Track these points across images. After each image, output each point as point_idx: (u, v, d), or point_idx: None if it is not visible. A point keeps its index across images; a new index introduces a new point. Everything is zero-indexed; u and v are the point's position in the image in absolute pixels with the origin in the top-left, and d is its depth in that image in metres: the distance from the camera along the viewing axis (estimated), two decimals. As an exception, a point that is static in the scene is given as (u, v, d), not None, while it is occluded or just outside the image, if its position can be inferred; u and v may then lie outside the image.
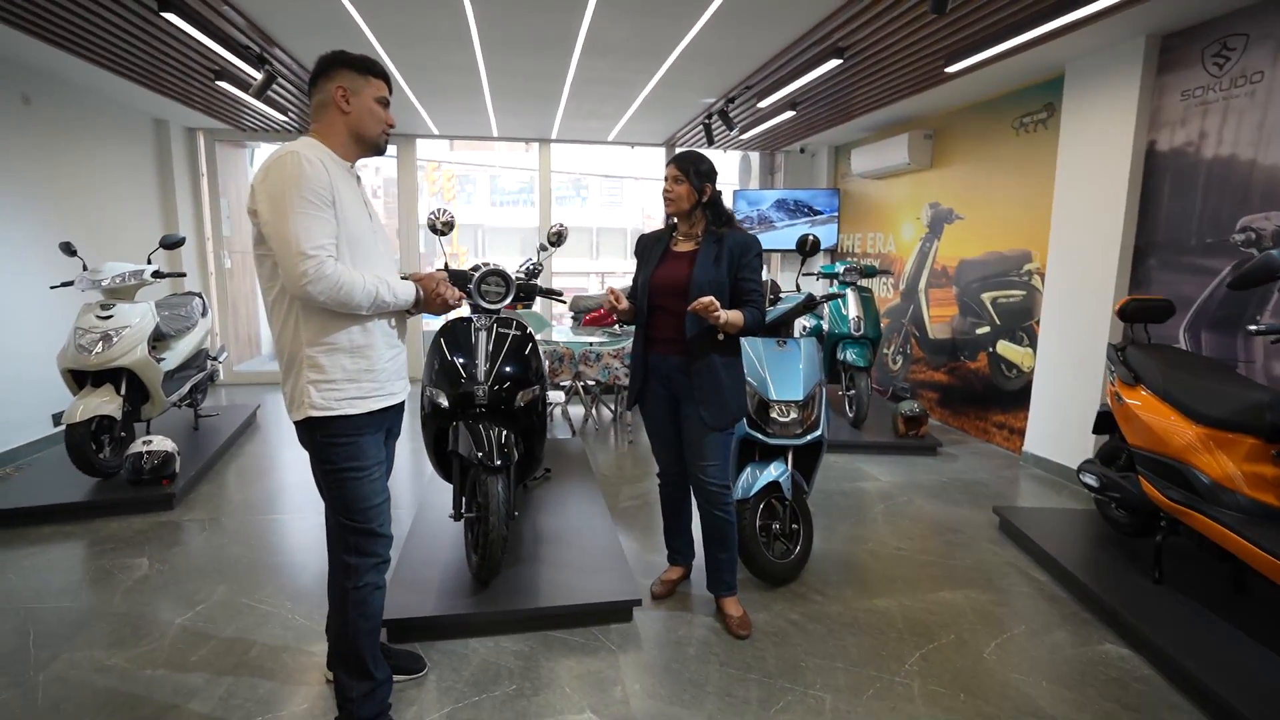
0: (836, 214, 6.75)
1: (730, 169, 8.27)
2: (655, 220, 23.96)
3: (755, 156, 7.74)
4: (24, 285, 4.27)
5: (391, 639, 2.38)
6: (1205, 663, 2.17)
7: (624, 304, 2.45)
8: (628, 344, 4.73)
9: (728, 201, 3.88)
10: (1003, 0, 3.08)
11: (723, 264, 2.33)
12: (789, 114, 5.16)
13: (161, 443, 3.65)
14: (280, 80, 4.38)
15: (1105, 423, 3.10)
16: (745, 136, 6.05)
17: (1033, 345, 4.41)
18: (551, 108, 5.38)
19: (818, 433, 2.89)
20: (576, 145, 6.94)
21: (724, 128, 5.35)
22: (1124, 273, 3.70)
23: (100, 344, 3.57)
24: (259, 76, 4.09)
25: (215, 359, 4.82)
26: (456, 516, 2.61)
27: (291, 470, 4.25)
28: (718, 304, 2.22)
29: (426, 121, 5.96)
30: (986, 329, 4.84)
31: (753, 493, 2.77)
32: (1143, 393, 2.71)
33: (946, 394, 5.29)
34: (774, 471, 2.81)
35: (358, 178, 1.85)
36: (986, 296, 4.83)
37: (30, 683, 2.14)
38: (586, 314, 6.02)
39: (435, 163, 19.70)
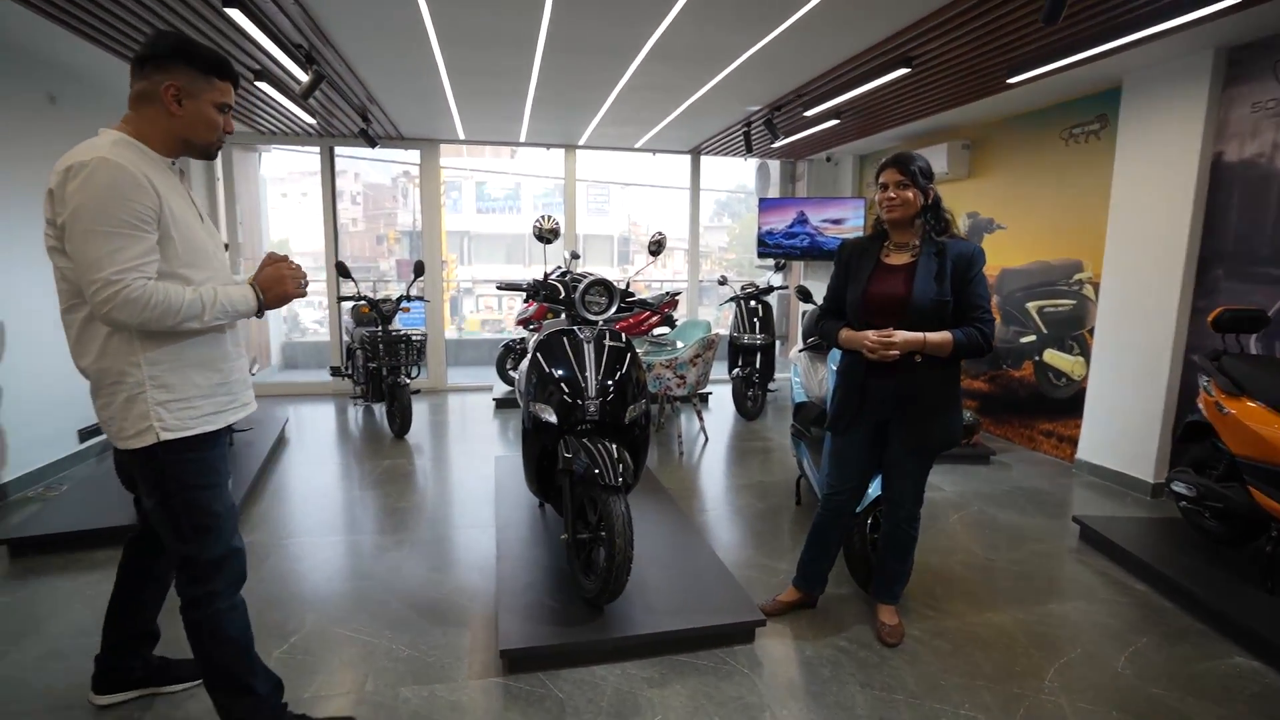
0: (862, 223, 6.77)
1: (747, 177, 8.26)
2: (647, 231, 23.95)
3: (775, 165, 7.75)
4: (49, 297, 4.01)
5: (513, 669, 2.26)
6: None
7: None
8: (680, 354, 4.66)
9: (751, 207, 3.85)
10: (1077, 14, 3.10)
11: (946, 279, 2.12)
12: (832, 123, 5.16)
13: (212, 461, 3.45)
14: (326, 81, 4.21)
15: (1193, 431, 3.12)
16: (777, 145, 6.03)
17: (1084, 354, 4.45)
18: (589, 114, 5.29)
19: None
20: (595, 151, 6.85)
21: (766, 135, 5.32)
22: (1189, 283, 3.75)
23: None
24: (305, 77, 3.93)
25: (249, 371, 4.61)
26: (571, 539, 2.50)
27: (336, 489, 4.08)
28: (891, 334, 2.11)
29: (456, 125, 5.82)
30: (1032, 338, 4.87)
31: (865, 504, 2.71)
32: (1249, 403, 2.72)
33: (987, 402, 5.32)
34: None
35: (180, 172, 1.68)
36: (1032, 305, 4.87)
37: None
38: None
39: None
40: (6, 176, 3.75)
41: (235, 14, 3.06)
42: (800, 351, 3.73)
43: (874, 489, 2.74)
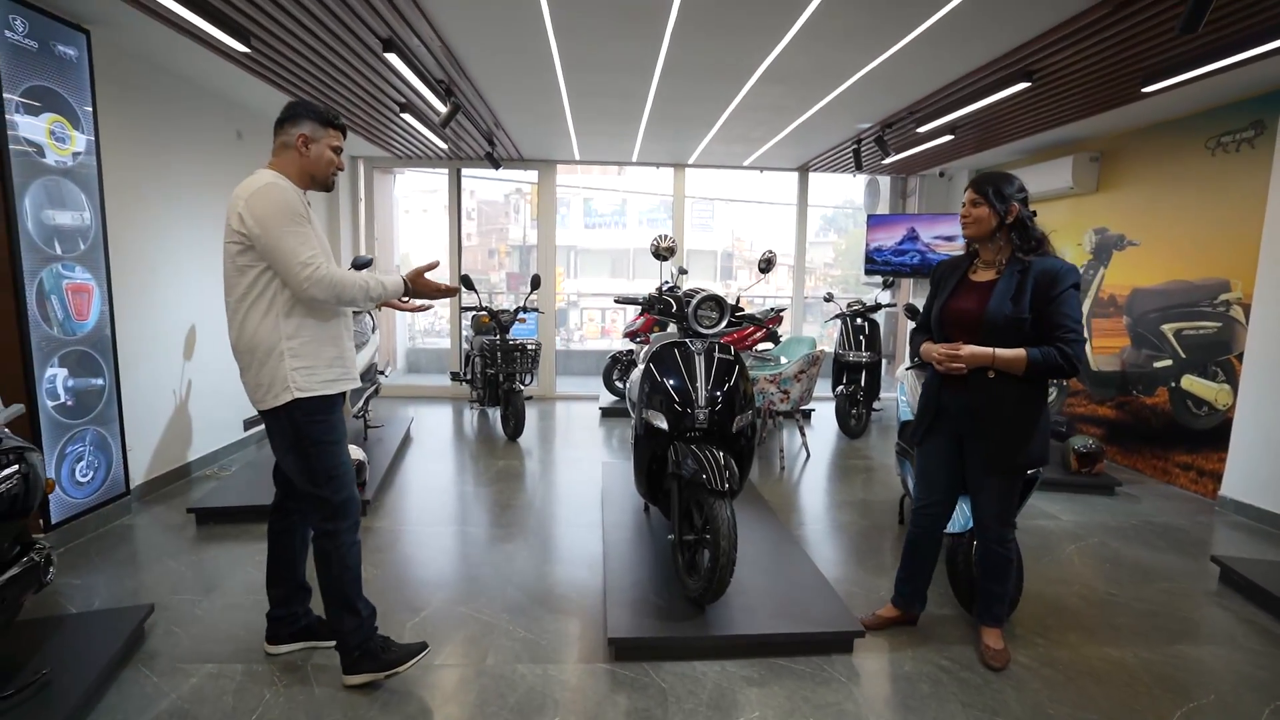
0: (977, 238, 6.52)
1: (855, 192, 8.15)
2: (750, 246, 23.86)
3: (885, 181, 7.61)
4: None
5: (619, 657, 2.42)
6: None
7: None
8: (784, 369, 4.70)
9: (859, 223, 3.84)
10: (1220, 20, 2.92)
11: (1024, 297, 2.15)
12: (946, 138, 5.05)
13: (355, 451, 3.87)
14: (461, 110, 4.64)
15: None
16: (888, 161, 5.95)
17: (1230, 381, 4.09)
18: (701, 133, 5.47)
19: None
20: (703, 170, 7.01)
21: (877, 152, 5.29)
22: (1358, 305, 3.40)
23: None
24: (444, 108, 4.35)
25: (383, 373, 5.10)
26: (678, 540, 2.64)
27: (455, 485, 4.43)
28: (958, 348, 2.19)
29: (573, 146, 6.17)
30: (1168, 362, 4.53)
31: (969, 526, 2.67)
32: None
33: (1114, 430, 4.98)
34: (991, 507, 2.71)
35: (308, 203, 2.16)
36: (1168, 328, 4.53)
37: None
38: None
39: (533, 185, 20.34)
40: (203, 200, 4.40)
41: (391, 57, 3.48)
42: (907, 369, 3.70)
43: (983, 510, 2.70)
